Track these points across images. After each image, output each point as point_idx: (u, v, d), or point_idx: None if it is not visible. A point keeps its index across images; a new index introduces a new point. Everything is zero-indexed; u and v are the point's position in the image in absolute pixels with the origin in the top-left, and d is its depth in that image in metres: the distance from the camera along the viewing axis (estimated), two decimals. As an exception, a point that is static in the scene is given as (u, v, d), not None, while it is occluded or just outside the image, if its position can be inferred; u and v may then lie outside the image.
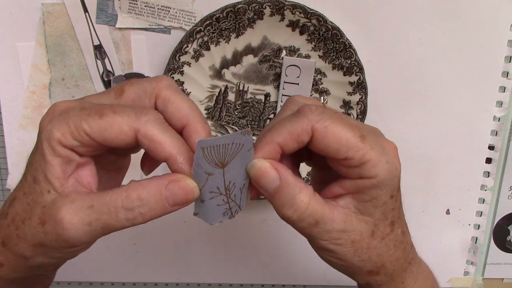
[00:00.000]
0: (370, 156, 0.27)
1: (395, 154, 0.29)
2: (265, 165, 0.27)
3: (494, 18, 0.46)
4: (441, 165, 0.51)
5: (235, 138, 0.26)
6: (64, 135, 0.26)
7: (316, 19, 0.43)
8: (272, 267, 0.54)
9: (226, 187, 0.28)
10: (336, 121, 0.27)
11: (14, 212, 0.27)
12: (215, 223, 0.29)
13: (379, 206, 0.29)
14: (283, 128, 0.27)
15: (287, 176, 0.28)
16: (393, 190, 0.29)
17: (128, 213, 0.26)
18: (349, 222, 0.29)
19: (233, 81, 0.46)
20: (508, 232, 0.54)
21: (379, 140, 0.29)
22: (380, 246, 0.30)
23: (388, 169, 0.28)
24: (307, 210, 0.28)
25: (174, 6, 0.43)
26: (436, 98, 0.48)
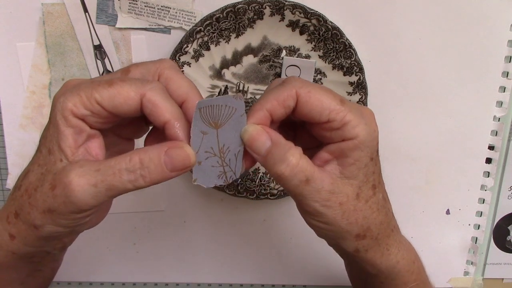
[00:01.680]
0: (350, 117, 0.29)
1: (372, 118, 0.31)
2: (256, 128, 0.30)
3: (494, 18, 0.46)
4: (441, 165, 0.51)
5: (228, 100, 0.29)
6: (76, 105, 0.28)
7: (316, 19, 0.43)
8: (272, 267, 0.54)
9: (220, 148, 0.30)
10: (317, 87, 0.30)
11: (27, 182, 0.29)
12: (211, 186, 0.32)
13: (361, 168, 0.31)
14: (271, 95, 0.30)
15: (277, 138, 0.30)
16: (373, 152, 0.31)
17: (131, 175, 0.28)
18: (336, 183, 0.31)
19: (233, 81, 0.46)
20: (508, 232, 0.54)
21: (357, 105, 0.31)
22: (365, 208, 0.32)
23: (367, 131, 0.30)
24: (298, 166, 0.29)
25: (174, 6, 0.43)
26: (436, 98, 0.48)
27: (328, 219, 0.31)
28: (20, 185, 0.30)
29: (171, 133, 0.29)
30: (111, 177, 0.28)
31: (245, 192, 0.49)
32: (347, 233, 0.32)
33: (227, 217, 0.52)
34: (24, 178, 0.30)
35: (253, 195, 0.49)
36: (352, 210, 0.31)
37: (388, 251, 0.34)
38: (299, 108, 0.30)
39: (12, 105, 0.47)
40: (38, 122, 0.48)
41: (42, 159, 0.29)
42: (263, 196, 0.49)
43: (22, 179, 0.30)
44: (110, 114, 0.29)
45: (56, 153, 0.29)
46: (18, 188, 0.30)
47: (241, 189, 0.48)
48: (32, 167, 0.30)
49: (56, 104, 0.28)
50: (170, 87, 0.30)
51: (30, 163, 0.30)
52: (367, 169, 0.31)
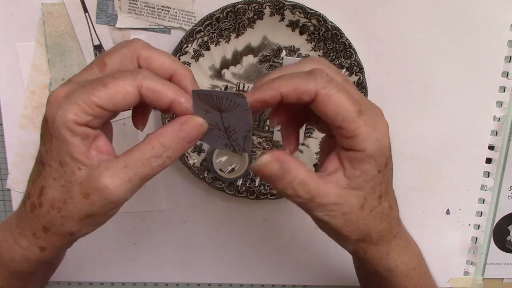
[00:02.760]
0: (361, 130, 0.30)
1: (385, 131, 0.31)
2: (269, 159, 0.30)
3: (494, 18, 0.46)
4: (441, 165, 0.51)
5: (228, 96, 0.29)
6: (77, 115, 0.28)
7: (316, 19, 0.43)
8: (272, 267, 0.54)
9: (225, 128, 0.31)
10: (340, 91, 0.29)
11: (50, 198, 0.30)
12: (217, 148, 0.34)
13: (368, 180, 0.31)
14: (292, 81, 0.30)
15: (288, 164, 0.30)
16: (381, 166, 0.31)
17: (158, 160, 0.29)
18: (341, 196, 0.31)
19: (233, 81, 0.46)
20: (508, 232, 0.54)
21: (375, 117, 0.31)
22: (369, 217, 0.32)
23: (377, 146, 0.30)
24: (304, 189, 0.31)
25: (174, 6, 0.43)
26: (436, 98, 0.48)
27: (331, 226, 0.32)
28: (40, 202, 0.30)
29: (180, 110, 0.30)
30: (141, 168, 0.29)
31: (245, 192, 0.49)
32: (347, 237, 0.33)
33: (227, 217, 0.52)
34: (41, 194, 0.30)
35: (253, 195, 0.49)
36: (354, 220, 0.32)
37: (388, 255, 0.35)
38: (315, 105, 0.30)
39: (12, 105, 0.47)
40: (38, 122, 0.48)
41: (54, 173, 0.30)
42: (263, 196, 0.49)
43: (39, 196, 0.30)
44: (111, 112, 0.29)
45: (71, 164, 0.29)
46: (39, 205, 0.30)
47: (241, 189, 0.48)
48: (46, 182, 0.30)
49: (55, 119, 0.28)
50: (153, 66, 0.31)
51: (41, 179, 0.30)
52: (374, 181, 0.31)
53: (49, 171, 0.30)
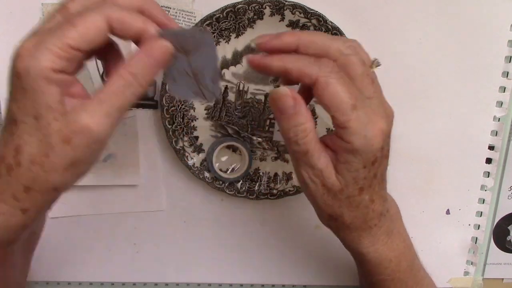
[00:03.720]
0: (352, 125, 0.31)
1: (377, 133, 0.32)
2: (287, 93, 0.32)
3: (494, 18, 0.46)
4: (441, 165, 0.51)
5: (194, 33, 0.30)
6: (53, 61, 0.27)
7: (316, 19, 0.43)
8: (272, 267, 0.54)
9: (193, 72, 0.32)
10: (340, 83, 0.30)
11: (28, 155, 0.29)
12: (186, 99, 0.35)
13: (351, 171, 0.33)
14: (299, 63, 0.31)
15: (300, 107, 0.32)
16: (367, 162, 0.32)
17: (131, 88, 0.29)
18: (327, 169, 0.33)
19: (233, 81, 0.46)
20: (508, 232, 0.54)
21: (371, 115, 0.32)
22: (344, 201, 0.34)
23: (363, 143, 0.31)
24: (304, 139, 0.32)
25: (174, 6, 0.43)
26: (436, 98, 0.48)
27: (310, 192, 0.35)
28: (18, 162, 0.29)
29: (147, 38, 0.30)
30: (116, 100, 0.29)
31: (245, 192, 0.49)
32: (321, 210, 0.36)
33: (227, 217, 0.52)
34: (18, 153, 0.29)
35: (253, 195, 0.49)
36: (331, 198, 0.34)
37: (359, 241, 0.37)
38: (314, 89, 0.31)
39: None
40: (38, 122, 0.48)
41: (29, 129, 0.28)
42: (263, 196, 0.49)
43: (15, 156, 0.29)
44: (85, 53, 0.29)
45: (47, 115, 0.28)
46: (17, 165, 0.29)
47: (241, 189, 0.48)
48: (21, 140, 0.29)
49: (30, 70, 0.27)
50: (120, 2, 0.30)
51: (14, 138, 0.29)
52: (357, 174, 0.33)
53: (22, 128, 0.29)
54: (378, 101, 0.33)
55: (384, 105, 0.34)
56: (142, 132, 0.48)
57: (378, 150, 0.32)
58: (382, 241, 0.38)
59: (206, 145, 0.48)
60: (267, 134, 0.48)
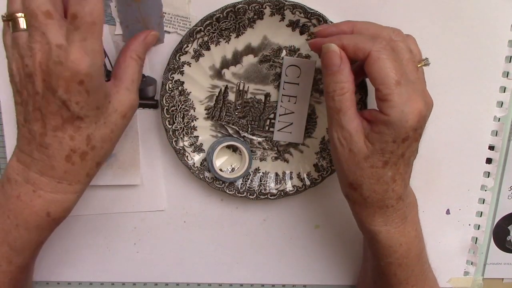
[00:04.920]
0: (392, 98, 0.34)
1: (414, 111, 0.34)
2: (336, 49, 0.36)
3: (494, 18, 0.46)
4: (441, 165, 0.51)
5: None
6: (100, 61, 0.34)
7: (316, 19, 0.43)
8: (272, 267, 0.54)
9: (143, 18, 0.40)
10: (390, 59, 0.34)
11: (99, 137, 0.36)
12: None
13: (381, 141, 0.35)
14: (355, 39, 0.35)
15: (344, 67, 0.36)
16: (397, 137, 0.34)
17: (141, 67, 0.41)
18: (357, 134, 0.36)
19: (233, 81, 0.46)
20: (508, 232, 0.54)
21: (412, 95, 0.34)
22: (367, 170, 0.36)
23: (399, 117, 0.34)
24: (340, 96, 0.36)
25: (169, 11, 0.43)
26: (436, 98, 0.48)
27: (337, 155, 0.37)
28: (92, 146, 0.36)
29: None
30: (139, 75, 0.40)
31: (245, 192, 0.49)
32: (344, 176, 0.38)
33: (227, 217, 0.52)
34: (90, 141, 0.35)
35: (253, 195, 0.49)
36: (355, 163, 0.36)
37: (373, 218, 0.38)
38: (366, 63, 0.34)
39: (12, 105, 0.47)
40: (38, 122, 0.48)
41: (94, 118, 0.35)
42: (263, 196, 0.49)
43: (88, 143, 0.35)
44: None
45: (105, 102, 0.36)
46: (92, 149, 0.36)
47: (241, 189, 0.48)
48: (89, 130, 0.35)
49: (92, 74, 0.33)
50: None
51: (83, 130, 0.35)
52: (386, 146, 0.35)
53: (89, 120, 0.34)
54: (420, 87, 0.36)
55: (425, 92, 0.37)
56: (142, 132, 0.48)
57: (411, 128, 0.34)
58: (395, 224, 0.39)
59: (206, 145, 0.48)
60: (267, 134, 0.48)
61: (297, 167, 0.49)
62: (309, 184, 0.48)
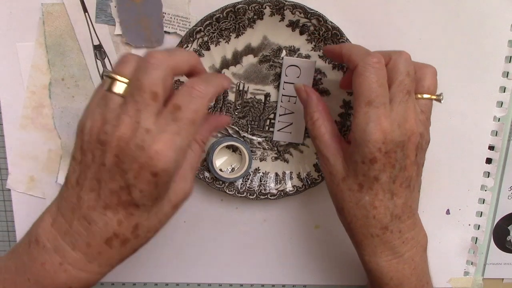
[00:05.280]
0: (358, 116, 0.34)
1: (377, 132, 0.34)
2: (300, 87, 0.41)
3: (494, 18, 0.46)
4: (441, 165, 0.51)
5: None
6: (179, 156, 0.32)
7: (316, 19, 0.43)
8: (272, 267, 0.54)
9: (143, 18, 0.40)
10: (371, 78, 0.34)
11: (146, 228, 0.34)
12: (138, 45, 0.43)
13: (352, 162, 0.36)
14: (353, 50, 0.36)
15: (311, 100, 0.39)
16: (364, 157, 0.34)
17: (203, 153, 0.42)
18: (334, 157, 0.37)
19: (233, 81, 0.46)
20: (508, 232, 0.54)
21: (381, 117, 0.34)
22: (346, 193, 0.37)
23: (361, 136, 0.34)
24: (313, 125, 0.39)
25: (169, 12, 0.43)
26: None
27: (325, 179, 0.39)
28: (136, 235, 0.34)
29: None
30: (199, 162, 0.38)
31: (245, 192, 0.49)
32: (332, 199, 0.39)
33: (227, 217, 0.52)
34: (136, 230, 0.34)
35: (253, 195, 0.49)
36: (335, 185, 0.37)
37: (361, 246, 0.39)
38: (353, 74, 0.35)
39: (12, 105, 0.47)
40: (38, 122, 0.48)
41: (149, 208, 0.33)
42: (263, 196, 0.49)
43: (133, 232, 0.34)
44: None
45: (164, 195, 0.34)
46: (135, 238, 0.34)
47: (241, 189, 0.48)
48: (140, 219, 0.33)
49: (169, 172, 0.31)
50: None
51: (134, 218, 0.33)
52: (356, 166, 0.35)
53: (143, 210, 0.32)
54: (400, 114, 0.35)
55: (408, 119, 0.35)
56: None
57: (375, 148, 0.34)
58: (385, 257, 0.38)
59: (206, 145, 0.48)
60: (267, 134, 0.48)
61: (297, 167, 0.49)
62: (309, 184, 0.48)
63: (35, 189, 0.50)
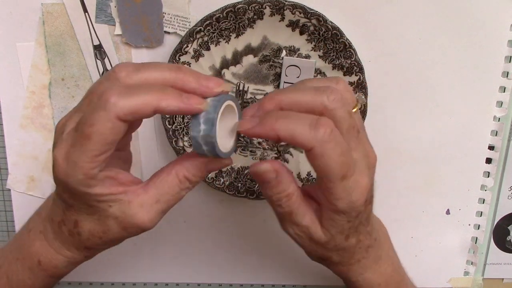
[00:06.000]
0: (338, 192, 0.31)
1: (361, 194, 0.32)
2: (267, 169, 0.32)
3: (494, 18, 0.46)
4: (441, 165, 0.51)
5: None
6: (86, 174, 0.29)
7: (316, 19, 0.43)
8: (272, 267, 0.54)
9: (143, 18, 0.39)
10: (335, 152, 0.29)
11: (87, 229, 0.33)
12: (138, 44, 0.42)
13: (336, 227, 0.33)
14: (292, 129, 0.29)
15: (282, 177, 0.32)
16: (350, 217, 0.33)
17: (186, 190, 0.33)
18: (313, 225, 0.34)
19: (233, 81, 0.46)
20: (508, 232, 0.54)
21: (358, 179, 0.31)
22: (331, 250, 0.35)
23: (348, 206, 0.32)
24: (287, 202, 0.33)
25: (169, 12, 0.43)
26: (436, 98, 0.48)
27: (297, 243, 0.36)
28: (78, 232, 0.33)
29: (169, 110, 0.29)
30: (172, 200, 0.33)
31: (245, 192, 0.49)
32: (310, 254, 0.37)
33: (227, 217, 0.52)
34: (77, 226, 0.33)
35: (253, 195, 0.49)
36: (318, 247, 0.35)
37: (349, 272, 0.38)
38: (308, 154, 0.30)
39: (12, 105, 0.47)
40: (38, 122, 0.48)
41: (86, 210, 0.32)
42: (263, 196, 0.49)
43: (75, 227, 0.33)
44: (112, 149, 0.29)
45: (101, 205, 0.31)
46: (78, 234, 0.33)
47: (241, 189, 0.48)
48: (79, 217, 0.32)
49: (69, 184, 0.30)
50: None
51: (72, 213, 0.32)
52: (342, 228, 0.33)
53: (79, 210, 0.32)
54: (362, 154, 0.33)
55: (368, 153, 0.34)
56: (142, 132, 0.48)
57: (362, 206, 0.33)
58: (372, 269, 0.39)
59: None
60: (267, 134, 0.48)
61: (297, 167, 0.49)
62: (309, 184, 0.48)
63: (35, 189, 0.50)
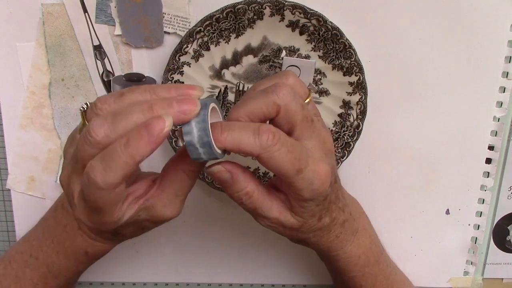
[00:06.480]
0: (298, 184, 0.32)
1: (323, 180, 0.33)
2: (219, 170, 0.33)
3: (494, 18, 0.46)
4: (441, 165, 0.51)
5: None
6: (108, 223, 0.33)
7: (316, 19, 0.43)
8: (272, 267, 0.54)
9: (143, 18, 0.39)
10: (282, 153, 0.30)
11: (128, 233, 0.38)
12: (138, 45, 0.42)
13: (306, 212, 0.34)
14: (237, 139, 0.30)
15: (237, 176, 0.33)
16: (318, 202, 0.34)
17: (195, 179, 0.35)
18: (282, 215, 0.35)
19: (233, 81, 0.46)
20: (508, 232, 0.54)
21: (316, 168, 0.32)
22: (306, 232, 0.36)
23: (312, 193, 0.33)
24: (249, 199, 0.34)
25: (169, 12, 0.43)
26: (436, 98, 0.48)
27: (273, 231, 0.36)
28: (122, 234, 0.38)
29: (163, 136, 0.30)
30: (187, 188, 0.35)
31: (245, 192, 0.49)
32: (289, 238, 0.38)
33: (227, 217, 0.52)
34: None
35: (253, 195, 0.49)
36: (292, 232, 0.36)
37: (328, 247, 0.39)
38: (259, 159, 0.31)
39: (12, 105, 0.47)
40: (38, 122, 0.48)
41: None
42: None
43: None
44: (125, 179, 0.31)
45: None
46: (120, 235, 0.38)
47: (241, 189, 0.48)
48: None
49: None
50: None
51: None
52: (312, 212, 0.34)
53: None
54: (317, 141, 0.34)
55: (324, 139, 0.35)
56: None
57: (327, 190, 0.33)
58: (349, 242, 0.40)
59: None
60: (267, 134, 0.48)
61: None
62: None
63: (35, 189, 0.50)
